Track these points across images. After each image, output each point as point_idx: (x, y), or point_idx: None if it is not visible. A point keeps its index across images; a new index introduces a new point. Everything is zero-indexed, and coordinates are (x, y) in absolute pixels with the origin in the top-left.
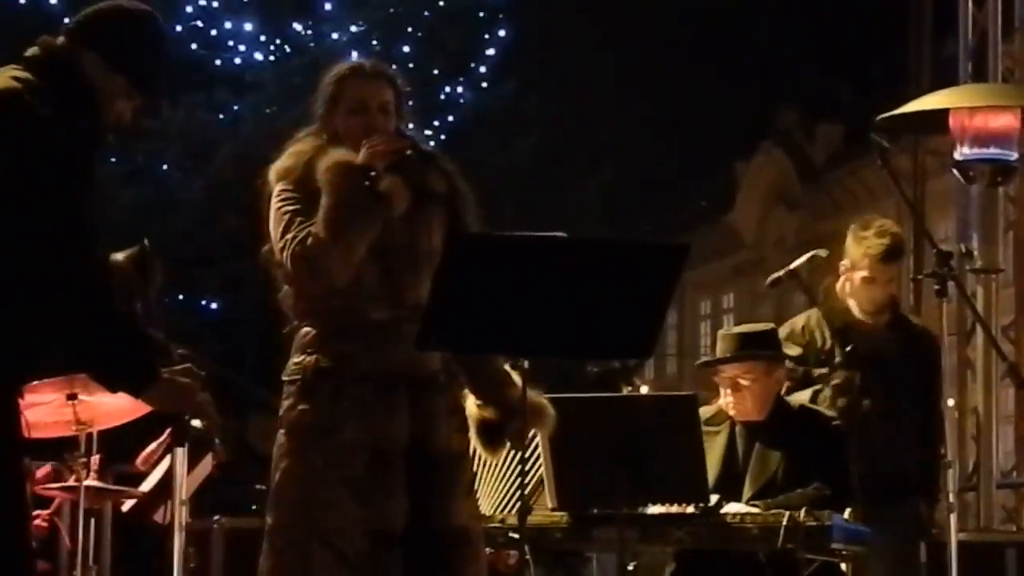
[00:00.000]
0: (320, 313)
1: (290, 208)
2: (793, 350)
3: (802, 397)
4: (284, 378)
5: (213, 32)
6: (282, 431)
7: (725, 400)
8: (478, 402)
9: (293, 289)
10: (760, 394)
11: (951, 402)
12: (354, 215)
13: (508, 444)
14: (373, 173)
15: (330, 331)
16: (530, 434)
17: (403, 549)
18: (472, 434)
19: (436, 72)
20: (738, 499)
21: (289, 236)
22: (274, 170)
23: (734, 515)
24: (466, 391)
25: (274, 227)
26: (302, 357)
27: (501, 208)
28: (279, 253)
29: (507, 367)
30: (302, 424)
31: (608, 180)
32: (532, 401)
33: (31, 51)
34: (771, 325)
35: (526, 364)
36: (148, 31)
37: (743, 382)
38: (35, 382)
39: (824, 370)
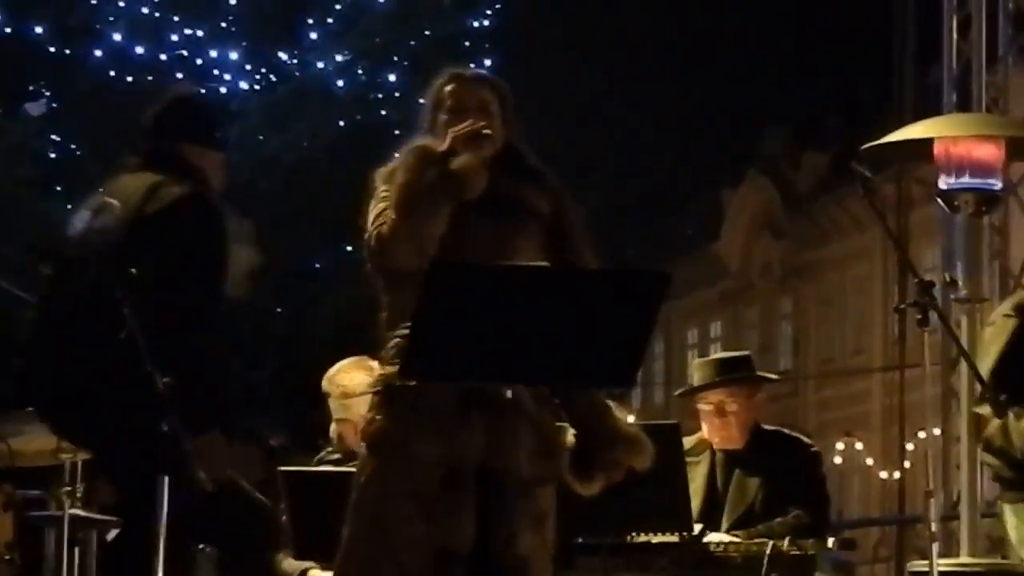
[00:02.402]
0: (402, 326)
1: (384, 205)
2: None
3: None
4: (369, 390)
5: (199, 61)
6: (363, 443)
7: (709, 429)
8: (573, 432)
9: (386, 299)
10: (744, 419)
11: (936, 431)
12: (423, 193)
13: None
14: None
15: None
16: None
17: (470, 571)
18: (566, 466)
19: (422, 101)
20: (719, 528)
21: (372, 226)
22: (379, 173)
23: (718, 544)
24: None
25: (368, 226)
26: (386, 368)
27: None
28: (365, 247)
29: (609, 399)
30: (379, 436)
31: (594, 207)
32: (628, 432)
33: None
34: (747, 352)
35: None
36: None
37: (730, 407)
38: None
39: None
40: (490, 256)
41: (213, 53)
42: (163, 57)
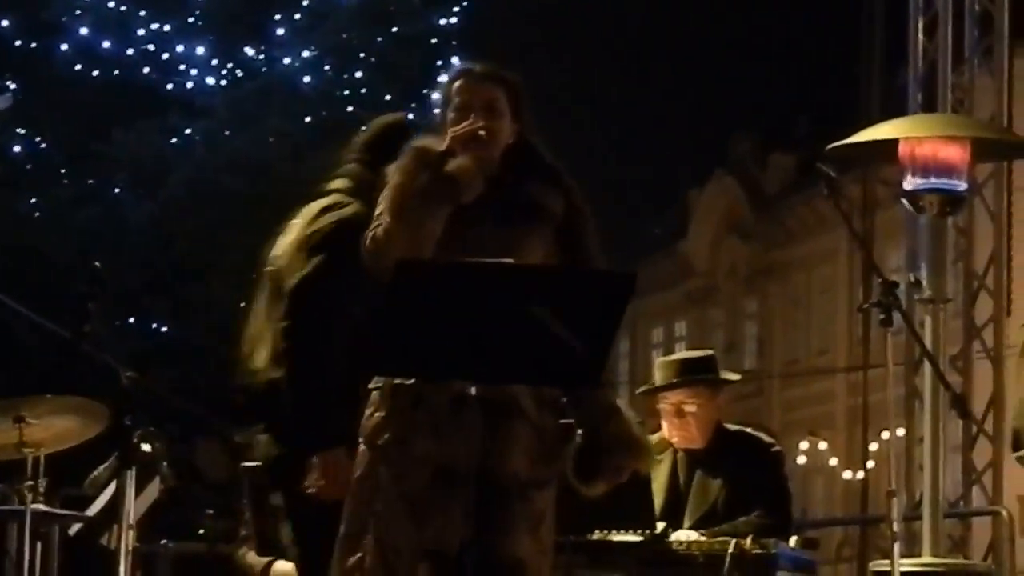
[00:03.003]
0: None
1: (383, 206)
2: None
3: None
4: (370, 387)
5: (165, 56)
6: (360, 439)
7: (668, 428)
8: (580, 432)
9: None
10: (705, 420)
11: (900, 432)
12: (417, 196)
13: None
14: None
15: None
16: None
17: (457, 573)
18: (570, 467)
19: (388, 98)
20: (681, 528)
21: (370, 228)
22: (390, 169)
23: (680, 542)
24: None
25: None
26: None
27: None
28: (362, 248)
29: (619, 402)
30: (376, 432)
31: None
32: (633, 437)
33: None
34: (710, 351)
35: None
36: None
37: (689, 408)
38: None
39: None
40: (494, 257)
41: (180, 48)
42: (130, 52)
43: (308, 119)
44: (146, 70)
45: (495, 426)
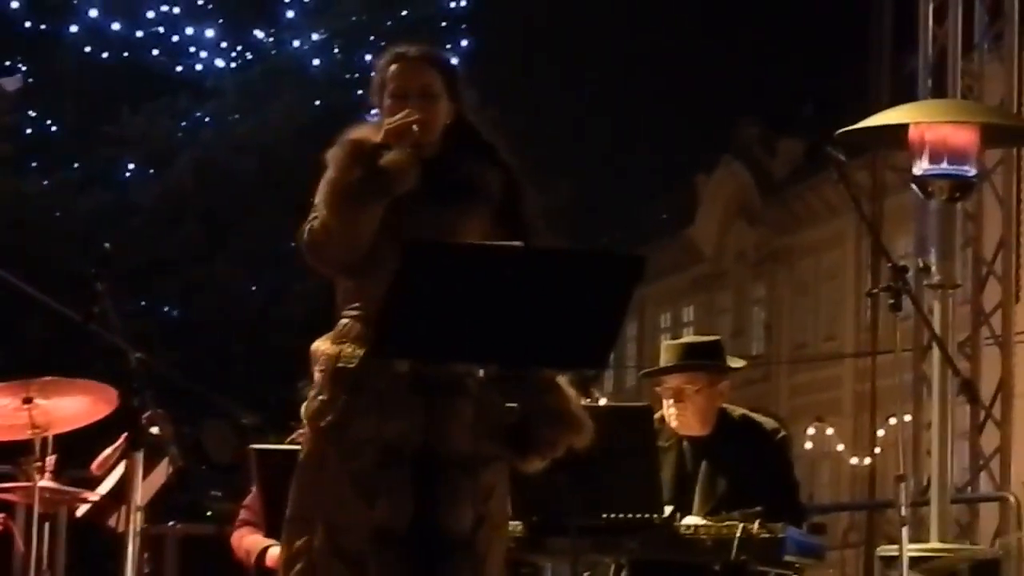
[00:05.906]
0: (351, 306)
1: (319, 199)
2: None
3: None
4: (316, 368)
5: (175, 38)
6: (305, 420)
7: (667, 412)
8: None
9: (338, 282)
10: (703, 406)
11: (907, 417)
12: (352, 191)
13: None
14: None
15: (359, 324)
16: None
17: (405, 550)
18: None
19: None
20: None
21: (307, 221)
22: (328, 156)
23: (688, 526)
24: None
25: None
26: (333, 347)
27: None
28: (299, 239)
29: (560, 379)
30: (320, 414)
31: (569, 192)
32: (566, 412)
33: None
34: (717, 337)
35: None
36: None
37: (687, 393)
38: None
39: None
40: (431, 238)
41: (189, 31)
42: (139, 34)
43: (317, 102)
44: (155, 52)
45: (436, 404)
